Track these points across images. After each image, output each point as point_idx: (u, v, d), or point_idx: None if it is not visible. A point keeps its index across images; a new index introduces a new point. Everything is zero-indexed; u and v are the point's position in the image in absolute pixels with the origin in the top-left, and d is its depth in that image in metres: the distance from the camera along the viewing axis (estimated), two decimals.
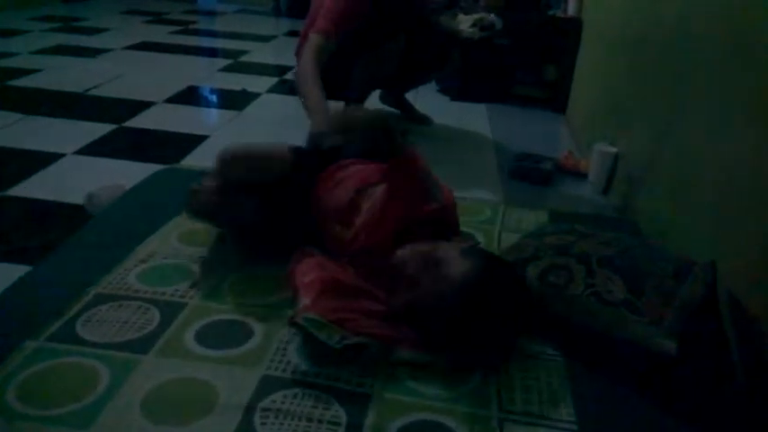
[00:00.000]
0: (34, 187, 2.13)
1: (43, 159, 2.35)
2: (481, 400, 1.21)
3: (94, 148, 2.51)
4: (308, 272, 1.37)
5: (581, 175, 2.60)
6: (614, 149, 2.41)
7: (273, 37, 5.46)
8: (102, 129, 2.73)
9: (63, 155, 2.41)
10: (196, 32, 5.40)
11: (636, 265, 1.41)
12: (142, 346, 1.28)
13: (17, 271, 1.56)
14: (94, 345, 1.27)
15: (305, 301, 1.28)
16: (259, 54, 4.64)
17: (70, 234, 1.76)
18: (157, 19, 5.80)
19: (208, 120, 3.11)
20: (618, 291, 1.35)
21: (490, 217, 2.01)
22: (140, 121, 2.89)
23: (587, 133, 2.90)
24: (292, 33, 5.70)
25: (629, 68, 2.44)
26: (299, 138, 2.92)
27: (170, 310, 1.40)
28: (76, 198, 1.99)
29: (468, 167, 2.65)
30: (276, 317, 1.39)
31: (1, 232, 1.81)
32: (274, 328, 1.36)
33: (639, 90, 2.27)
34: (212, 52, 4.72)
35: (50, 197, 2.06)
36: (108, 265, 1.56)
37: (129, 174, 2.24)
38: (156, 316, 1.38)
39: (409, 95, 3.76)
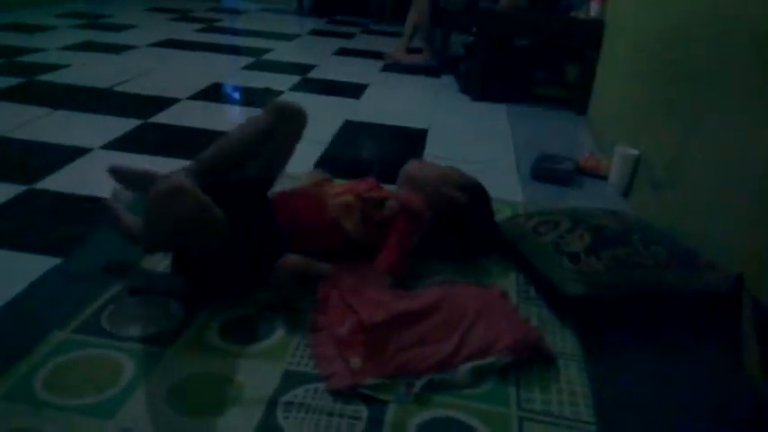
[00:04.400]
0: (62, 180, 2.17)
1: (71, 153, 2.39)
2: (501, 399, 1.22)
3: (121, 143, 2.55)
4: (340, 316, 1.36)
5: (602, 177, 2.58)
6: (636, 152, 2.39)
7: (297, 36, 5.49)
8: (128, 124, 2.77)
9: (90, 149, 2.45)
10: (220, 30, 5.45)
11: (616, 237, 1.56)
12: (166, 339, 1.30)
13: (46, 263, 1.60)
14: (119, 337, 1.30)
15: (356, 361, 1.24)
16: (282, 52, 4.67)
17: (98, 227, 1.80)
18: (182, 17, 5.86)
19: (231, 116, 3.14)
20: (575, 246, 1.55)
21: (509, 216, 2.01)
22: (165, 117, 2.93)
23: (609, 135, 2.89)
24: (316, 32, 5.73)
25: (652, 70, 2.43)
26: (324, 134, 2.96)
27: (194, 304, 1.43)
28: (104, 192, 2.01)
29: (488, 168, 2.65)
30: (298, 311, 1.41)
31: (30, 225, 1.84)
32: (296, 324, 1.38)
33: (663, 92, 2.26)
34: (236, 50, 4.75)
35: (78, 191, 2.09)
36: (134, 258, 1.59)
37: (154, 168, 2.27)
38: (180, 309, 1.41)
39: (431, 95, 3.78)
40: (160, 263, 1.59)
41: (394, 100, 3.65)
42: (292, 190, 1.71)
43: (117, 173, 1.62)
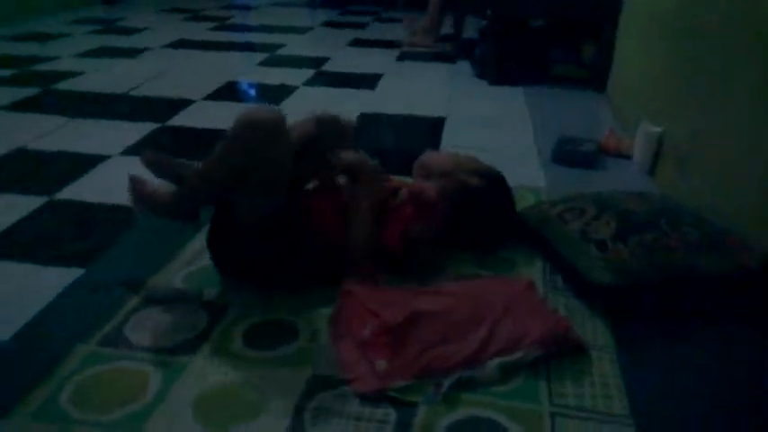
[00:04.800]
0: (83, 190, 2.17)
1: (89, 161, 2.39)
2: (532, 395, 1.19)
3: (139, 148, 2.54)
4: (361, 320, 1.33)
5: (625, 157, 2.53)
6: (659, 129, 2.33)
7: (309, 29, 5.46)
8: (146, 128, 2.77)
9: (109, 156, 2.45)
10: (233, 28, 5.43)
11: (643, 222, 1.53)
12: (190, 348, 1.30)
13: (69, 275, 1.60)
14: (143, 348, 1.30)
15: (381, 364, 1.22)
16: (295, 46, 4.65)
17: (120, 236, 1.80)
18: (194, 16, 5.86)
19: None
20: (603, 232, 1.52)
21: (533, 205, 1.98)
22: (182, 120, 2.92)
23: (629, 112, 2.82)
24: (328, 24, 5.69)
25: (673, 44, 2.36)
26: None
27: (217, 311, 1.42)
28: (124, 199, 2.02)
29: (508, 153, 2.61)
30: (320, 315, 1.40)
31: (52, 236, 1.85)
32: (320, 326, 1.36)
33: (685, 66, 2.19)
34: (249, 47, 4.73)
35: (99, 199, 2.09)
36: (155, 267, 1.59)
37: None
38: (203, 318, 1.40)
39: (447, 82, 3.73)
40: (177, 273, 1.58)
41: (409, 89, 3.61)
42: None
43: (149, 161, 1.59)
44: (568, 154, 2.47)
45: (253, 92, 3.55)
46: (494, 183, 1.67)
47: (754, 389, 1.22)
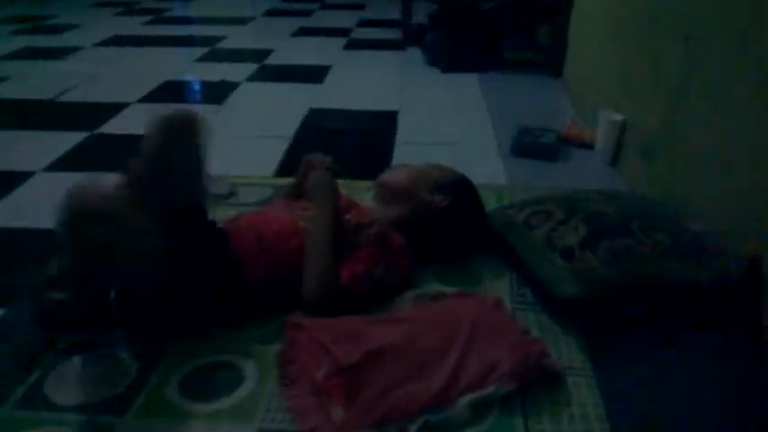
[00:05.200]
0: (3, 215, 1.97)
1: (10, 181, 2.18)
2: None
3: (66, 162, 2.34)
4: (313, 359, 1.18)
5: (587, 146, 2.43)
6: (621, 117, 2.23)
7: (251, 18, 5.24)
8: (74, 138, 2.55)
9: (32, 173, 2.24)
10: (170, 21, 5.17)
11: (614, 226, 1.41)
12: (120, 404, 1.13)
13: None
14: (66, 408, 1.13)
15: (337, 412, 1.08)
16: (237, 39, 4.43)
17: (46, 264, 1.61)
18: (129, 10, 5.56)
19: None
20: (570, 239, 1.40)
21: (496, 207, 1.85)
22: (114, 126, 2.71)
23: (589, 98, 2.72)
24: (271, 13, 5.47)
25: (633, 26, 2.26)
26: (287, 127, 2.76)
27: (149, 356, 1.25)
28: (49, 223, 1.82)
29: (465, 147, 2.48)
30: (267, 354, 1.25)
31: None
32: (267, 368, 1.21)
33: (647, 48, 2.09)
34: (188, 41, 4.49)
35: (21, 224, 1.89)
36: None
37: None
38: (133, 365, 1.23)
39: (398, 71, 3.57)
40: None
41: (359, 80, 3.45)
42: (257, 212, 1.53)
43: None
44: (528, 146, 2.36)
45: (191, 92, 3.35)
46: (459, 195, 1.52)
47: (744, 412, 1.12)
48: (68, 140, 2.52)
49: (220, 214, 1.78)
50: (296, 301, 1.31)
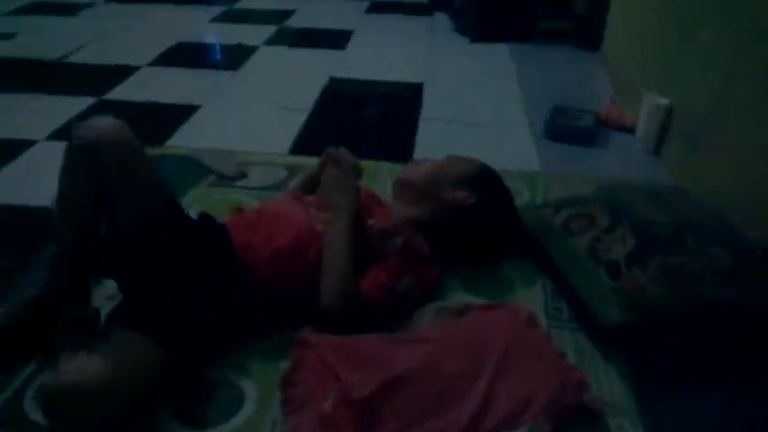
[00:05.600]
0: (2, 186, 1.85)
1: (11, 150, 2.05)
2: None
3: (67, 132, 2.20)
4: (322, 384, 1.05)
5: (627, 130, 2.24)
6: (666, 101, 2.04)
7: None
8: (81, 104, 2.42)
9: (34, 142, 2.11)
10: None
11: (666, 238, 1.25)
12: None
13: None
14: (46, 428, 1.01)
15: None
16: None
17: (42, 251, 1.49)
18: None
19: (199, 84, 2.74)
20: (617, 251, 1.25)
21: (530, 199, 1.70)
22: (123, 92, 2.57)
23: (629, 75, 2.51)
24: None
25: None
26: (305, 97, 2.59)
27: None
28: (47, 200, 1.70)
29: (494, 127, 2.31)
30: (272, 372, 1.11)
31: None
32: (269, 389, 1.08)
33: (700, 24, 1.88)
34: None
35: (17, 201, 1.77)
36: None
37: None
38: None
39: (424, 38, 3.37)
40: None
41: (383, 47, 3.26)
42: (266, 207, 1.36)
43: None
44: (563, 129, 2.18)
45: (207, 55, 3.18)
46: (485, 190, 1.36)
47: None
48: (74, 106, 2.38)
49: (229, 198, 1.66)
50: (308, 312, 1.18)
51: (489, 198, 1.37)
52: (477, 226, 1.34)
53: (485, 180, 1.39)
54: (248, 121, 2.31)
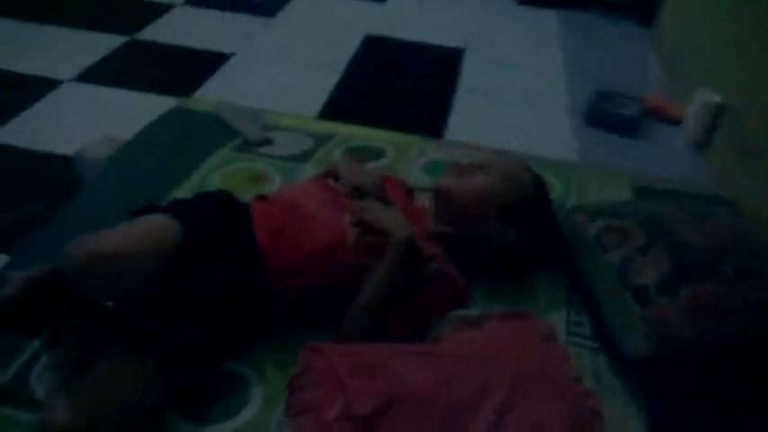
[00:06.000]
0: (22, 129, 1.83)
1: (36, 89, 2.02)
2: None
3: (97, 72, 2.16)
4: (329, 392, 0.99)
5: (673, 122, 2.14)
6: (718, 98, 1.93)
7: None
8: (111, 42, 2.36)
9: (60, 82, 2.07)
10: None
11: (702, 264, 1.16)
12: None
13: None
14: None
15: None
16: None
17: (58, 201, 1.46)
18: None
19: (232, 30, 2.66)
20: (648, 276, 1.15)
21: (560, 194, 1.62)
22: (154, 32, 2.50)
23: (682, 62, 2.38)
24: None
25: None
26: (339, 55, 2.50)
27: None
28: (68, 147, 1.68)
29: (534, 105, 2.22)
30: (281, 369, 1.09)
31: None
32: (276, 391, 1.05)
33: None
34: None
35: (39, 146, 1.75)
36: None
37: (133, 110, 1.92)
38: None
39: None
40: None
41: (424, 5, 3.12)
42: (293, 201, 1.23)
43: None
44: (606, 116, 2.08)
45: None
46: (529, 225, 1.25)
47: None
48: (104, 44, 2.33)
49: (250, 167, 1.61)
50: (327, 315, 1.14)
51: (533, 234, 1.27)
52: (514, 258, 1.28)
53: (534, 211, 1.27)
54: (278, 76, 2.24)
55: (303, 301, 1.13)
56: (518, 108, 2.18)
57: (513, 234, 1.22)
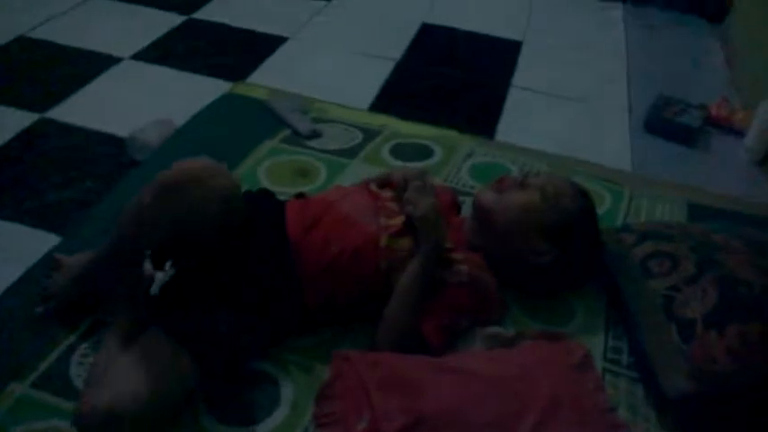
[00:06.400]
0: (79, 107, 1.87)
1: (96, 65, 2.06)
2: None
3: (156, 51, 2.19)
4: (356, 407, 1.01)
5: (735, 132, 2.05)
6: None
7: None
8: (170, 21, 2.39)
9: (119, 60, 2.11)
10: None
11: (752, 300, 1.11)
12: None
13: (46, 241, 1.32)
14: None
15: None
16: None
17: (110, 183, 1.51)
18: None
19: (289, 12, 2.64)
20: (694, 310, 1.12)
21: (610, 208, 1.58)
22: (213, 12, 2.52)
23: (750, 66, 2.27)
24: None
25: None
26: (395, 44, 2.46)
27: None
28: (122, 128, 1.72)
29: (591, 106, 2.16)
30: (313, 375, 1.10)
31: (31, 179, 1.57)
32: (306, 394, 1.07)
33: None
34: None
35: (94, 125, 1.80)
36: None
37: (187, 91, 1.95)
38: None
39: None
40: None
41: None
42: (332, 200, 1.22)
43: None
44: (666, 124, 2.01)
45: None
46: (571, 248, 1.21)
47: None
48: (163, 23, 2.36)
49: (297, 161, 1.61)
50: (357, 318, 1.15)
51: (572, 259, 1.24)
52: (549, 280, 1.25)
53: (575, 235, 1.22)
54: (332, 64, 2.24)
55: (331, 309, 1.14)
56: (573, 108, 2.12)
57: (550, 257, 1.20)
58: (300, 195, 1.30)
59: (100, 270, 1.11)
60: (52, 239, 1.35)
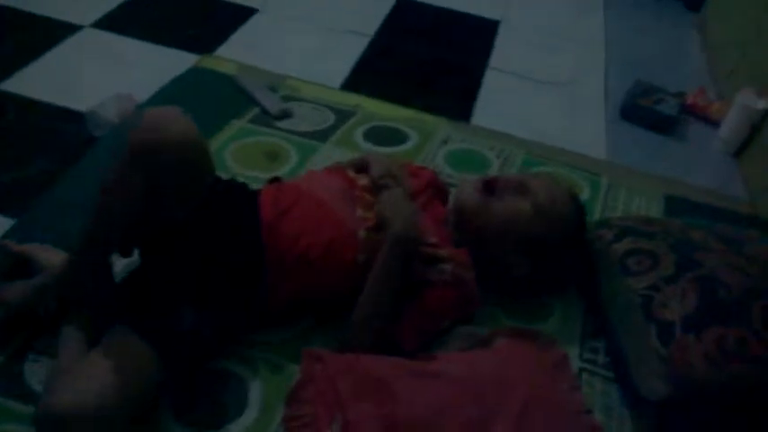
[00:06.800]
0: (37, 79, 1.76)
1: (55, 33, 1.94)
2: None
3: (118, 20, 2.08)
4: (328, 410, 0.97)
5: (710, 122, 2.04)
6: (764, 104, 1.83)
7: None
8: None
9: (80, 27, 1.99)
10: None
11: (730, 304, 1.10)
12: None
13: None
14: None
15: None
16: None
17: (72, 158, 1.42)
18: None
19: None
20: (673, 312, 1.10)
21: (587, 199, 1.55)
22: None
23: (727, 56, 2.25)
24: None
25: None
26: (369, 20, 2.37)
27: None
28: (81, 102, 1.63)
29: (568, 91, 2.12)
30: (280, 371, 1.05)
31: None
32: (275, 399, 1.02)
33: None
34: None
35: (53, 98, 1.69)
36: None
37: (151, 63, 1.86)
38: None
39: None
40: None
41: None
42: (306, 186, 1.16)
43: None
44: (642, 112, 1.98)
45: None
46: (546, 264, 1.19)
47: None
48: None
49: (266, 142, 1.54)
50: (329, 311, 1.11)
51: (552, 271, 1.22)
52: (526, 286, 1.23)
53: (561, 249, 1.20)
54: (304, 39, 2.15)
55: (302, 302, 1.09)
56: (550, 92, 2.08)
57: (527, 267, 1.16)
58: (275, 180, 1.24)
59: (74, 272, 1.04)
60: (6, 223, 1.26)
